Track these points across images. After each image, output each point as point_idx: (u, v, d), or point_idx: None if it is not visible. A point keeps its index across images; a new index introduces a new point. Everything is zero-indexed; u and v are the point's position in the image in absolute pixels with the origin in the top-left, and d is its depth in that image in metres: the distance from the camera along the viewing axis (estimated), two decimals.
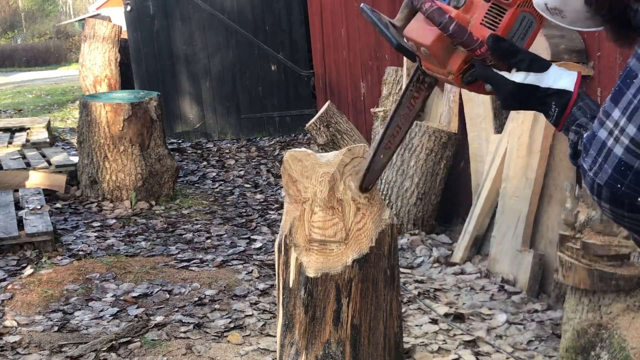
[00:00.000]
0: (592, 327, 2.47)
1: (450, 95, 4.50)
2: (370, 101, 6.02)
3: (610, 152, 0.93)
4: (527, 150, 3.57)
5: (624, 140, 0.92)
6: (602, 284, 2.42)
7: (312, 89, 8.37)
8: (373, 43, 5.89)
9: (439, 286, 3.69)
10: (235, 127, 8.65)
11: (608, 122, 0.95)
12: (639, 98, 0.92)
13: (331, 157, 1.82)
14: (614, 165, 0.92)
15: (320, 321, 1.74)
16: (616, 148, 0.92)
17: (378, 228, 1.78)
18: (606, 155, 0.94)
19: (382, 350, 1.83)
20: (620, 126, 0.93)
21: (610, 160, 0.93)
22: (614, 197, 0.94)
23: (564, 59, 3.40)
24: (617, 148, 0.92)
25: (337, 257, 1.74)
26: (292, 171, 1.81)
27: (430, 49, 1.17)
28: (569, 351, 2.53)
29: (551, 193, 3.56)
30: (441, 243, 4.33)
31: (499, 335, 3.12)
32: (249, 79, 8.55)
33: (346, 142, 5.28)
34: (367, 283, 1.77)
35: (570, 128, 1.20)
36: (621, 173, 0.92)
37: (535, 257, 3.51)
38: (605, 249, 2.43)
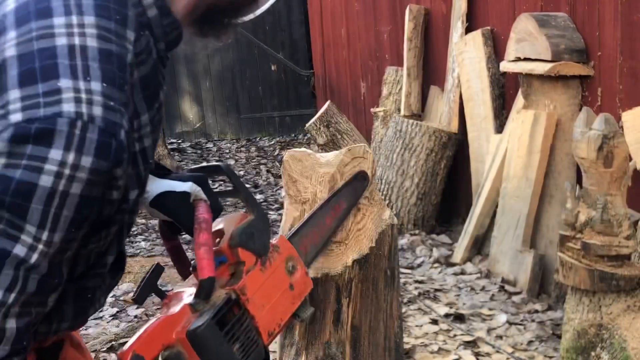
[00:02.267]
0: (593, 328, 2.46)
1: (450, 95, 4.50)
2: (370, 101, 6.01)
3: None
4: (528, 150, 3.57)
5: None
6: (602, 284, 2.42)
7: (312, 89, 8.36)
8: (373, 43, 5.89)
9: (439, 286, 3.69)
10: (235, 127, 8.64)
11: None
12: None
13: (331, 157, 1.82)
14: None
15: (320, 322, 1.74)
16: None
17: (378, 228, 1.77)
18: None
19: (382, 350, 1.82)
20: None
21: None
22: None
23: (564, 58, 3.40)
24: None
25: (337, 257, 1.74)
26: (292, 171, 1.81)
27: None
28: (569, 351, 2.53)
29: (551, 193, 3.56)
30: (441, 243, 4.33)
31: (499, 335, 3.12)
32: (248, 79, 8.54)
33: (346, 142, 5.27)
34: (367, 283, 1.76)
35: None
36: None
37: (535, 258, 3.51)
38: (606, 249, 2.43)
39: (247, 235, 1.23)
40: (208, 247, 1.15)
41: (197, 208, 1.20)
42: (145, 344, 1.12)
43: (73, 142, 0.87)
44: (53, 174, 0.87)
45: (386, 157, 4.59)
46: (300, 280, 1.34)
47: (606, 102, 3.36)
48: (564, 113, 3.50)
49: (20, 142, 0.86)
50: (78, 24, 0.93)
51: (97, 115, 0.89)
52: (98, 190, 0.91)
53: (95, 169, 0.89)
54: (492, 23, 4.22)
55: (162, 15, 1.05)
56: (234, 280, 1.21)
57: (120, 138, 0.91)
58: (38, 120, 0.86)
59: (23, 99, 0.88)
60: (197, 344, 1.12)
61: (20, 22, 0.94)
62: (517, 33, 3.63)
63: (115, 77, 0.92)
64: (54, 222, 0.88)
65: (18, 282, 0.88)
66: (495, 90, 4.11)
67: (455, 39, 4.43)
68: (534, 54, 3.51)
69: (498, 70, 4.01)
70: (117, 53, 0.94)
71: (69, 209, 0.89)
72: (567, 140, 3.41)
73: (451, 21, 4.56)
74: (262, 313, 1.23)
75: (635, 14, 3.18)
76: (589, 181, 2.48)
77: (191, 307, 1.15)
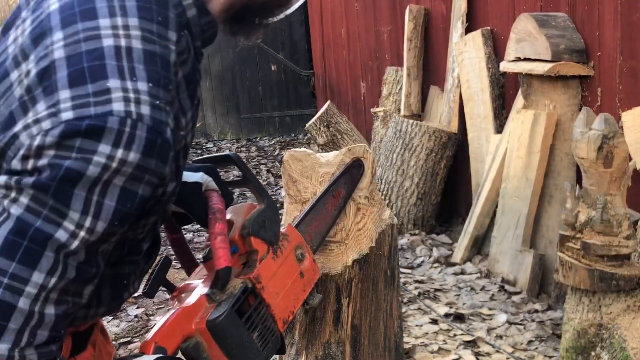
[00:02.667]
0: (593, 327, 2.46)
1: (450, 95, 4.50)
2: (370, 101, 6.02)
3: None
4: (527, 150, 3.57)
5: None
6: (602, 284, 2.42)
7: (312, 89, 8.36)
8: (373, 43, 5.89)
9: (439, 286, 3.69)
10: (235, 127, 8.64)
11: None
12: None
13: (331, 157, 1.82)
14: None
15: (321, 321, 1.74)
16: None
17: (378, 228, 1.78)
18: None
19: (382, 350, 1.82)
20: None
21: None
22: None
23: (564, 58, 3.40)
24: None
25: (337, 257, 1.74)
26: (292, 171, 1.81)
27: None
28: (569, 351, 2.53)
29: (551, 193, 3.56)
30: (441, 243, 4.33)
31: (499, 335, 3.12)
32: (248, 79, 8.54)
33: (346, 142, 5.28)
34: (367, 283, 1.77)
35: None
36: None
37: (535, 257, 3.51)
38: (606, 249, 2.43)
39: (259, 224, 1.23)
40: (224, 237, 1.16)
41: (210, 198, 1.20)
42: (166, 335, 1.13)
43: (122, 139, 0.90)
44: (101, 165, 0.90)
45: (386, 157, 4.59)
46: (309, 268, 1.34)
47: (606, 102, 3.36)
48: (563, 113, 3.50)
49: (70, 137, 0.89)
50: (123, 25, 0.96)
51: (145, 114, 0.92)
52: (140, 186, 0.93)
53: (141, 165, 0.92)
54: (492, 23, 4.22)
55: (200, 15, 1.08)
56: (248, 270, 1.22)
57: (167, 136, 0.94)
58: (89, 117, 0.90)
59: (73, 99, 0.91)
60: (218, 333, 1.13)
61: (65, 23, 0.96)
62: (517, 33, 3.63)
63: (160, 77, 0.96)
64: (97, 210, 0.91)
65: (59, 266, 0.90)
66: (495, 90, 4.11)
67: (455, 39, 4.43)
68: (533, 54, 3.51)
69: (498, 70, 4.01)
70: (160, 54, 0.97)
71: (111, 199, 0.92)
72: (567, 140, 3.41)
73: (451, 21, 4.56)
74: (276, 301, 1.24)
75: (635, 14, 3.18)
76: (588, 181, 2.48)
77: (208, 298, 1.16)
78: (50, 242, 0.89)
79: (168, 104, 0.96)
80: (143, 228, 1.05)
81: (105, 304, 1.10)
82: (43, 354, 0.92)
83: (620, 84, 3.29)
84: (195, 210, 1.21)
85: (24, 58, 0.98)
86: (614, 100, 3.32)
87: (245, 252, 1.23)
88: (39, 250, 0.89)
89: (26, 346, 0.90)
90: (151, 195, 0.96)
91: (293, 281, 1.30)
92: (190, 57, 1.05)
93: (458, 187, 4.59)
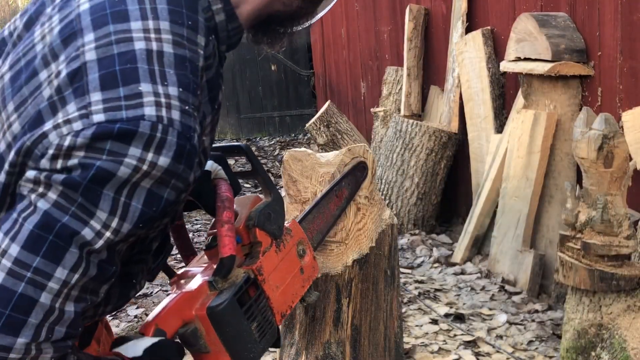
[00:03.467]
0: (593, 328, 2.46)
1: (450, 95, 4.50)
2: (370, 101, 6.01)
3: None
4: (528, 150, 3.57)
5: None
6: (602, 284, 2.42)
7: (312, 89, 8.36)
8: (373, 43, 5.89)
9: (439, 286, 3.69)
10: (235, 127, 8.64)
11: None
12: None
13: (331, 157, 1.82)
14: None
15: (321, 321, 1.74)
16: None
17: (378, 228, 1.77)
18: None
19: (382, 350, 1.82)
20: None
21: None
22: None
23: (564, 58, 3.40)
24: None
25: (337, 257, 1.74)
26: (292, 171, 1.81)
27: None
28: (569, 351, 2.53)
29: (551, 193, 3.55)
30: (441, 243, 4.32)
31: (500, 335, 3.12)
32: (248, 79, 8.54)
33: (346, 142, 5.27)
34: (367, 283, 1.76)
35: None
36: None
37: (535, 257, 3.51)
38: (606, 249, 2.43)
39: (265, 217, 1.24)
40: (231, 225, 1.16)
41: (219, 186, 1.21)
42: (166, 318, 1.13)
43: (153, 144, 0.91)
44: (132, 167, 0.90)
45: (386, 157, 4.59)
46: (309, 264, 1.34)
47: (606, 102, 3.36)
48: (564, 113, 3.50)
49: (101, 139, 0.90)
50: (154, 29, 0.96)
51: (176, 120, 0.93)
52: (166, 190, 0.94)
53: (170, 170, 0.93)
54: (492, 23, 4.22)
55: (228, 21, 1.09)
56: (251, 261, 1.21)
57: (194, 142, 0.95)
58: (121, 121, 0.90)
59: (105, 101, 0.91)
60: (218, 321, 1.12)
61: (97, 24, 0.96)
62: (517, 33, 3.63)
63: (190, 83, 0.96)
64: (124, 211, 0.92)
65: (82, 263, 0.91)
66: (495, 90, 4.11)
67: (455, 38, 4.43)
68: (534, 54, 3.51)
69: (498, 70, 4.01)
70: (190, 58, 0.97)
71: (138, 201, 0.92)
72: (567, 140, 3.41)
73: (451, 21, 4.56)
74: (276, 294, 1.24)
75: (635, 14, 3.18)
76: (589, 181, 2.48)
77: (209, 285, 1.15)
78: (75, 238, 0.90)
79: (196, 109, 0.97)
80: (156, 228, 1.06)
81: (113, 302, 1.10)
82: (59, 348, 0.92)
83: (620, 84, 3.29)
84: (203, 197, 1.22)
85: (54, 58, 0.98)
86: (614, 100, 3.32)
87: (249, 244, 1.23)
88: (63, 246, 0.89)
89: (44, 341, 0.90)
90: (175, 200, 0.97)
91: (293, 276, 1.30)
92: (215, 61, 1.06)
93: (458, 187, 4.59)
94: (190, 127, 0.94)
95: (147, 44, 0.95)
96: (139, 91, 0.92)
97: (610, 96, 3.34)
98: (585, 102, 3.44)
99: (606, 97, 3.36)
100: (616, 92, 3.31)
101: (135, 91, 0.92)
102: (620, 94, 3.29)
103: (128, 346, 1.08)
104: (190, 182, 0.97)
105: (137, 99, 0.91)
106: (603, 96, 3.38)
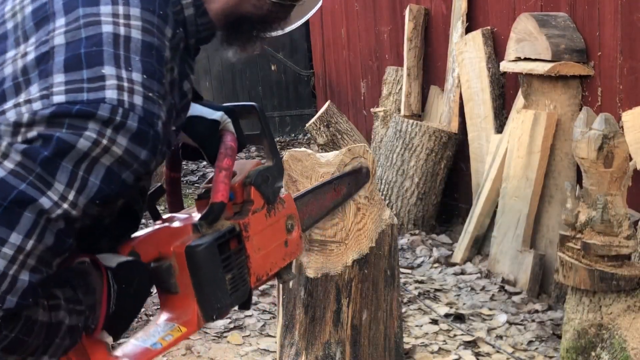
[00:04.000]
0: (593, 328, 2.46)
1: (450, 95, 4.50)
2: (370, 101, 6.01)
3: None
4: (528, 150, 3.57)
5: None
6: (602, 284, 2.41)
7: (312, 89, 8.36)
8: (373, 43, 5.89)
9: (439, 286, 3.69)
10: None
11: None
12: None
13: (331, 157, 1.82)
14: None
15: (320, 321, 1.74)
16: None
17: (378, 228, 1.77)
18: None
19: (382, 350, 1.82)
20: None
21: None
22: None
23: (564, 58, 3.40)
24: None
25: (337, 257, 1.74)
26: (292, 171, 1.81)
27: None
28: (569, 351, 2.53)
29: (551, 193, 3.55)
30: (441, 243, 4.32)
31: (500, 335, 3.12)
32: (249, 79, 8.54)
33: (346, 142, 5.27)
34: (367, 283, 1.76)
35: None
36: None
37: (535, 258, 3.51)
38: (606, 249, 2.43)
39: (262, 178, 1.23)
40: (228, 173, 1.16)
41: (225, 136, 1.20)
42: (144, 245, 1.12)
43: (112, 125, 0.90)
44: (91, 140, 0.90)
45: (386, 157, 4.58)
46: (294, 241, 1.34)
47: (606, 102, 3.36)
48: (564, 113, 3.50)
49: (59, 117, 0.90)
50: (124, 14, 0.96)
51: (138, 105, 0.92)
52: (126, 172, 0.93)
53: (131, 151, 0.92)
54: (492, 23, 4.22)
55: (197, 15, 1.09)
56: (239, 216, 1.21)
57: (157, 129, 0.95)
58: (81, 103, 0.90)
59: (67, 83, 0.91)
60: (194, 261, 1.11)
61: (68, 8, 0.97)
62: (517, 33, 3.62)
63: (155, 71, 0.96)
64: (81, 185, 0.91)
65: (37, 229, 0.89)
66: (495, 90, 4.11)
67: (455, 39, 4.43)
68: (534, 54, 3.51)
69: (498, 70, 4.01)
70: (157, 47, 0.98)
71: (96, 177, 0.91)
72: (567, 140, 3.41)
73: (451, 21, 4.56)
74: (256, 256, 1.23)
75: (635, 14, 3.18)
76: (589, 181, 2.48)
77: (194, 227, 1.14)
78: (32, 205, 0.89)
79: (161, 97, 0.96)
80: (111, 209, 1.05)
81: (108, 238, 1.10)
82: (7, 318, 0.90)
83: (620, 84, 3.29)
84: (207, 147, 1.21)
85: (24, 39, 0.98)
86: (614, 100, 3.32)
87: (241, 202, 1.23)
88: (19, 211, 0.88)
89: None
90: (133, 185, 0.96)
91: (277, 245, 1.29)
92: (178, 54, 1.05)
93: (458, 187, 4.59)
94: (153, 113, 0.94)
95: (114, 28, 0.95)
96: (102, 74, 0.92)
97: (610, 96, 3.34)
98: (585, 102, 3.44)
99: (606, 97, 3.36)
100: (616, 92, 3.31)
101: (98, 74, 0.92)
102: (620, 94, 3.29)
103: (104, 256, 1.08)
104: (150, 168, 0.96)
105: (99, 81, 0.91)
106: (603, 96, 3.38)
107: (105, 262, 1.07)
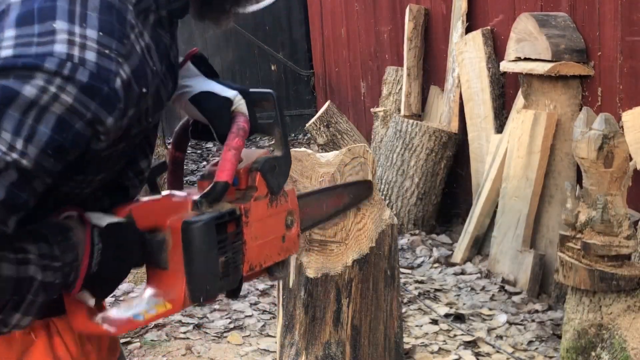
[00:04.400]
0: (593, 328, 2.46)
1: (450, 95, 4.50)
2: (370, 101, 6.01)
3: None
4: (528, 150, 3.57)
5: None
6: (602, 284, 2.41)
7: (312, 89, 8.36)
8: (373, 43, 5.89)
9: (439, 286, 3.69)
10: None
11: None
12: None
13: (331, 157, 1.82)
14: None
15: (320, 322, 1.74)
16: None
17: (378, 228, 1.77)
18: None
19: (382, 350, 1.82)
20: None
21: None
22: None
23: (564, 58, 3.40)
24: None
25: (337, 257, 1.73)
26: (292, 171, 1.81)
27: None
28: (569, 351, 2.53)
29: (552, 193, 3.55)
30: (441, 243, 4.32)
31: (500, 335, 3.12)
32: (249, 79, 8.54)
33: (346, 142, 5.28)
34: (367, 283, 1.76)
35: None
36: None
37: (535, 258, 3.51)
38: (606, 249, 2.43)
39: (270, 166, 1.21)
40: (237, 153, 1.13)
41: (237, 117, 1.18)
42: (142, 210, 1.09)
43: (59, 76, 0.87)
44: (38, 87, 0.87)
45: (386, 157, 4.59)
46: (292, 238, 1.32)
47: (606, 102, 3.36)
48: (564, 113, 3.50)
49: (5, 70, 0.87)
50: None
51: (90, 60, 0.89)
52: (79, 121, 0.90)
53: (82, 100, 0.89)
54: (492, 23, 4.22)
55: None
56: (241, 200, 1.18)
57: (114, 86, 0.91)
58: (28, 56, 0.87)
59: (17, 38, 0.89)
60: (189, 238, 1.08)
61: None
62: (517, 33, 3.62)
63: (114, 29, 0.93)
64: (30, 134, 0.87)
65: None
66: (495, 90, 4.11)
67: (455, 38, 4.43)
68: (534, 53, 3.51)
69: (498, 70, 4.01)
70: (118, 8, 0.94)
71: (46, 126, 0.88)
72: (567, 140, 3.41)
73: (451, 21, 4.56)
74: (253, 244, 1.21)
75: (635, 14, 3.18)
76: (589, 181, 2.48)
77: (194, 204, 1.12)
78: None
79: (121, 56, 0.93)
80: (87, 184, 1.02)
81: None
82: None
83: (620, 84, 3.29)
84: (217, 124, 1.18)
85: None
86: (614, 100, 3.32)
87: (245, 189, 1.21)
88: None
89: None
90: (89, 138, 0.92)
91: (274, 238, 1.28)
92: (149, 23, 1.02)
93: (458, 187, 4.59)
94: (109, 70, 0.90)
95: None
96: (52, 28, 0.89)
97: (610, 96, 3.34)
98: (585, 102, 3.44)
99: (606, 97, 3.36)
100: (616, 92, 3.31)
101: (49, 28, 0.89)
102: (620, 94, 3.29)
103: (96, 215, 1.04)
104: (108, 125, 0.92)
105: (49, 36, 0.88)
106: (603, 96, 3.38)
107: (95, 220, 1.03)
